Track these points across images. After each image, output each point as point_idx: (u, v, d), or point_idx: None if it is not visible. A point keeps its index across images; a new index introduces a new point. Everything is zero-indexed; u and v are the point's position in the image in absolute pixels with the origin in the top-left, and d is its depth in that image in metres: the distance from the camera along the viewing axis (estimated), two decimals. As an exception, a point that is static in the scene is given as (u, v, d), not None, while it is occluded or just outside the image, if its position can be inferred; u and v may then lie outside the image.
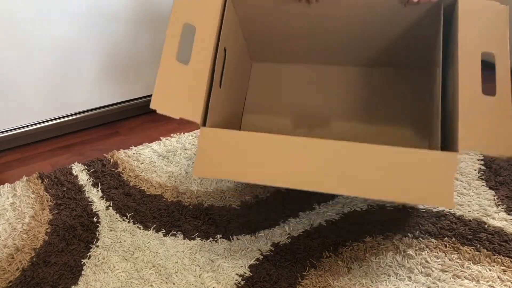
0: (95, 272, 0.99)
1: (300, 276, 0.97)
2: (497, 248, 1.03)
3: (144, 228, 1.11)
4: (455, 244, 1.05)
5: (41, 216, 1.15)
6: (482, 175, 1.29)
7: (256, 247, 1.05)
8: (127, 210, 1.17)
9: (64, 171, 1.33)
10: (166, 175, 1.31)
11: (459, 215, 1.13)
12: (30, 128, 1.49)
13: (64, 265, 1.00)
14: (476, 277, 0.96)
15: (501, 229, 1.09)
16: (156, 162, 1.38)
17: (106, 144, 1.51)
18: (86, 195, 1.23)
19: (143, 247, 1.05)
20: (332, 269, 0.98)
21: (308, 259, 1.01)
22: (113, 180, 1.29)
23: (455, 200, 1.19)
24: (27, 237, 1.09)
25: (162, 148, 1.45)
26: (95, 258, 1.02)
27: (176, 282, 0.96)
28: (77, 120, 1.56)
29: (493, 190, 1.22)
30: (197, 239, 1.07)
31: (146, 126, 1.62)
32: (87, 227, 1.11)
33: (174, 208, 1.17)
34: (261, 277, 0.96)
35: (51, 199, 1.21)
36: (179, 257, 1.02)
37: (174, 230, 1.10)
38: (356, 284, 0.95)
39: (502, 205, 1.16)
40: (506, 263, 0.99)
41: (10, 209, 1.18)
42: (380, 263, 1.00)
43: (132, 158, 1.39)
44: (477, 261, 1.00)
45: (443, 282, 0.95)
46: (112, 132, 1.59)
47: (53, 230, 1.10)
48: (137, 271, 0.99)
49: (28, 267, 1.00)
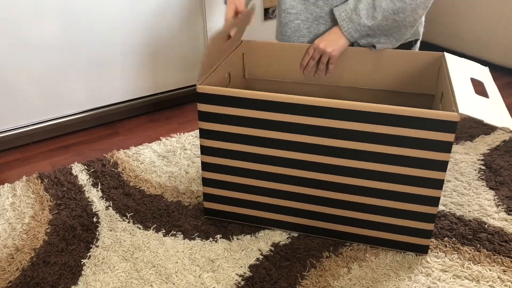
0: (95, 272, 0.99)
1: (300, 276, 0.97)
2: (497, 248, 1.03)
3: (144, 228, 1.11)
4: (455, 244, 1.04)
5: (41, 216, 1.15)
6: (482, 175, 1.29)
7: (256, 247, 1.04)
8: (127, 210, 1.17)
9: (64, 171, 1.33)
10: (166, 175, 1.31)
11: (459, 215, 1.13)
12: (30, 128, 1.49)
13: (64, 265, 1.00)
14: (476, 277, 0.96)
15: (501, 229, 1.08)
16: (156, 162, 1.38)
17: (106, 144, 1.51)
18: (86, 195, 1.23)
19: (143, 247, 1.05)
20: (332, 269, 0.98)
21: (308, 259, 1.01)
22: (113, 180, 1.29)
23: (455, 200, 1.19)
24: (27, 237, 1.09)
25: (162, 148, 1.45)
26: (95, 258, 1.02)
27: (176, 282, 0.96)
28: (77, 120, 1.56)
29: (493, 190, 1.22)
30: (197, 239, 1.07)
31: (146, 126, 1.62)
32: (87, 227, 1.11)
33: (174, 208, 1.17)
34: (261, 277, 0.96)
35: (51, 199, 1.21)
36: (179, 257, 1.02)
37: (174, 230, 1.10)
38: (356, 284, 0.95)
39: (502, 205, 1.16)
40: (506, 263, 0.99)
41: (10, 209, 1.18)
42: (380, 263, 1.00)
43: (132, 158, 1.39)
44: (477, 261, 1.00)
45: (443, 282, 0.95)
46: (112, 132, 1.59)
47: (53, 230, 1.10)
48: (137, 271, 0.99)
49: (28, 267, 1.00)
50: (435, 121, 0.86)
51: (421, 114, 0.87)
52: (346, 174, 0.97)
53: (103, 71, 1.54)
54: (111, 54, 1.53)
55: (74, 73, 1.49)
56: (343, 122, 0.91)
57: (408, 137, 0.89)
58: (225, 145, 1.01)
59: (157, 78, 1.66)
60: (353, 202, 0.99)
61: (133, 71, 1.60)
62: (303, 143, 0.96)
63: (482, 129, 1.52)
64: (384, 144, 0.91)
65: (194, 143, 1.48)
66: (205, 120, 1.00)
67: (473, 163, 1.34)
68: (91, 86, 1.54)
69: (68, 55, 1.46)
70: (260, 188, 1.04)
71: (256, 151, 1.00)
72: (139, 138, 1.54)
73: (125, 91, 1.62)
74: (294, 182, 1.01)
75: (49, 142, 1.53)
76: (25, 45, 1.38)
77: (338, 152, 0.95)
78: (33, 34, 1.38)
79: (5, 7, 1.31)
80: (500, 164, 1.33)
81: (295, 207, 1.04)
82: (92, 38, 1.48)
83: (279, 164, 1.00)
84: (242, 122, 0.98)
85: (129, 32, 1.53)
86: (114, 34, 1.51)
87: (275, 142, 0.98)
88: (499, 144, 1.44)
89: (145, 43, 1.58)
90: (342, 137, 0.93)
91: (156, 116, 1.69)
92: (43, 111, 1.49)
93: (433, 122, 0.86)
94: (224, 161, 1.03)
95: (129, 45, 1.55)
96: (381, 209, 0.98)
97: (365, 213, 1.00)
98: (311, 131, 0.94)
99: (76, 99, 1.53)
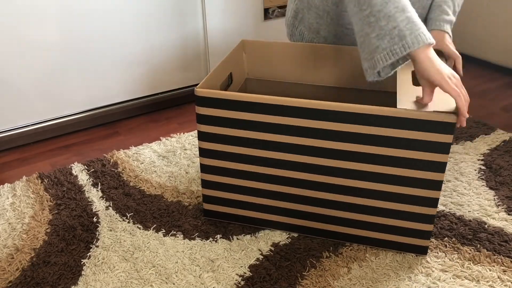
0: (95, 272, 0.99)
1: (300, 276, 0.97)
2: (497, 248, 1.03)
3: (144, 228, 1.11)
4: (455, 244, 1.04)
5: (41, 216, 1.15)
6: (482, 175, 1.29)
7: (256, 247, 1.04)
8: (127, 210, 1.17)
9: (64, 171, 1.33)
10: (166, 175, 1.31)
11: (459, 215, 1.13)
12: (30, 128, 1.49)
13: (64, 265, 1.00)
14: (476, 277, 0.96)
15: (501, 229, 1.08)
16: (156, 162, 1.38)
17: (106, 144, 1.51)
18: (86, 195, 1.23)
19: (143, 247, 1.05)
20: (332, 269, 0.98)
21: (308, 259, 1.01)
22: (113, 180, 1.29)
23: (455, 200, 1.19)
24: (27, 237, 1.09)
25: (162, 148, 1.45)
26: (95, 258, 1.02)
27: (176, 282, 0.96)
28: (77, 120, 1.56)
29: (493, 190, 1.22)
30: (197, 239, 1.07)
31: (146, 126, 1.62)
32: (87, 227, 1.11)
33: (174, 208, 1.17)
34: (261, 277, 0.96)
35: (51, 199, 1.21)
36: (179, 257, 1.02)
37: (174, 230, 1.10)
38: (356, 284, 0.95)
39: (502, 205, 1.16)
40: (506, 263, 0.99)
41: (10, 209, 1.18)
42: (380, 263, 1.00)
43: (132, 158, 1.39)
44: (477, 261, 1.00)
45: (443, 282, 0.95)
46: (112, 132, 1.59)
47: (53, 230, 1.10)
48: (137, 271, 0.99)
49: (28, 267, 1.00)
50: (433, 123, 0.86)
51: (420, 116, 0.87)
52: (345, 176, 0.97)
53: (103, 71, 1.54)
54: (111, 54, 1.53)
55: (74, 73, 1.49)
56: (343, 124, 0.91)
57: (407, 138, 0.89)
58: (224, 148, 1.01)
59: (157, 78, 1.66)
60: (352, 204, 0.99)
61: (133, 71, 1.60)
62: (302, 146, 0.96)
63: (482, 129, 1.52)
64: (383, 146, 0.91)
65: (194, 143, 1.48)
66: (203, 123, 1.00)
67: (473, 163, 1.34)
68: (91, 86, 1.54)
69: (68, 55, 1.46)
70: (259, 190, 1.04)
71: (255, 154, 1.00)
72: (139, 138, 1.54)
73: (125, 91, 1.62)
74: (293, 184, 1.01)
75: (49, 142, 1.53)
76: (25, 45, 1.38)
77: (337, 154, 0.95)
78: (33, 34, 1.38)
79: (5, 7, 1.31)
80: (500, 164, 1.33)
81: (294, 209, 1.04)
82: (92, 38, 1.48)
83: (278, 166, 1.00)
84: (241, 125, 0.98)
85: (129, 32, 1.53)
86: (114, 34, 1.51)
87: (273, 144, 0.98)
88: (499, 144, 1.44)
89: (145, 43, 1.58)
90: (341, 139, 0.93)
91: (156, 116, 1.69)
92: (43, 111, 1.49)
93: (432, 123, 0.87)
94: (223, 163, 1.03)
95: (129, 45, 1.55)
96: (381, 210, 0.98)
97: (364, 215, 1.00)
98: (310, 134, 0.94)
99: (76, 99, 1.53)
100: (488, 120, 1.60)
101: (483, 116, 1.63)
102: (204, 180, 1.07)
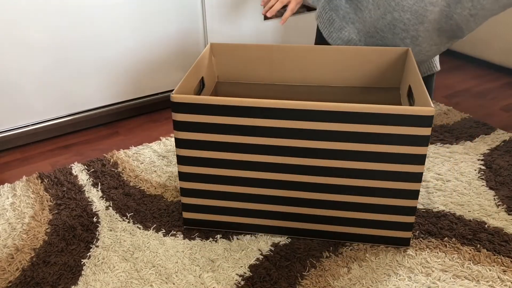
0: (95, 272, 0.99)
1: (300, 276, 0.97)
2: (497, 248, 1.03)
3: (144, 228, 1.11)
4: (455, 244, 1.04)
5: (41, 216, 1.15)
6: (482, 175, 1.29)
7: (256, 247, 1.05)
8: (127, 210, 1.17)
9: (64, 171, 1.33)
10: (166, 175, 1.31)
11: (459, 215, 1.13)
12: (30, 128, 1.49)
13: (64, 265, 1.00)
14: (476, 277, 0.96)
15: (501, 229, 1.09)
16: (156, 162, 1.38)
17: (106, 144, 1.51)
18: (86, 195, 1.23)
19: (143, 247, 1.05)
20: (332, 269, 0.98)
21: (308, 259, 1.01)
22: (113, 180, 1.29)
23: (455, 200, 1.19)
24: (27, 237, 1.09)
25: (162, 148, 1.45)
26: (95, 258, 1.02)
27: (176, 282, 0.96)
28: (77, 120, 1.56)
29: (493, 190, 1.22)
30: (197, 239, 1.07)
31: (146, 126, 1.62)
32: (87, 227, 1.11)
33: (174, 208, 1.17)
34: (261, 277, 0.96)
35: (51, 199, 1.21)
36: (179, 257, 1.02)
37: (174, 230, 1.10)
38: (356, 284, 0.95)
39: (502, 205, 1.16)
40: (506, 263, 0.99)
41: (10, 209, 1.18)
42: (380, 263, 1.00)
43: (132, 158, 1.39)
44: (477, 261, 1.00)
45: (443, 282, 0.95)
46: (112, 132, 1.59)
47: (53, 230, 1.10)
48: (137, 271, 0.99)
49: (28, 267, 1.00)
50: (412, 117, 0.88)
51: (398, 110, 0.88)
52: (326, 174, 0.97)
53: (103, 71, 1.54)
54: (111, 54, 1.53)
55: (74, 73, 1.49)
56: (319, 123, 0.92)
57: (387, 134, 0.90)
58: (203, 154, 1.00)
59: (157, 78, 1.66)
60: (335, 201, 1.00)
61: (133, 71, 1.60)
62: (280, 146, 0.96)
63: (482, 129, 1.52)
64: (363, 142, 0.92)
65: (194, 143, 1.48)
66: (180, 129, 0.98)
67: (473, 163, 1.34)
68: (91, 86, 1.54)
69: (68, 54, 1.46)
70: (240, 194, 1.03)
71: (234, 158, 0.99)
72: (139, 138, 1.54)
73: (125, 91, 1.62)
74: (273, 186, 1.01)
75: (49, 142, 1.53)
76: (25, 45, 1.38)
77: (317, 153, 0.95)
78: (33, 34, 1.38)
79: (5, 7, 1.31)
80: (500, 164, 1.33)
81: (276, 211, 1.04)
82: (92, 38, 1.48)
83: (257, 168, 0.99)
84: (219, 129, 0.96)
85: (129, 32, 1.53)
86: (114, 34, 1.51)
87: (251, 147, 0.97)
88: (499, 144, 1.44)
89: (145, 43, 1.58)
90: (320, 138, 0.93)
91: (156, 116, 1.69)
92: (43, 111, 1.49)
93: (410, 118, 0.88)
94: (203, 169, 1.02)
95: (129, 45, 1.55)
96: (363, 206, 0.99)
97: (347, 211, 1.00)
98: (288, 134, 0.94)
99: (76, 99, 1.53)
100: (488, 120, 1.60)
101: (483, 116, 1.63)
102: (183, 188, 1.05)
